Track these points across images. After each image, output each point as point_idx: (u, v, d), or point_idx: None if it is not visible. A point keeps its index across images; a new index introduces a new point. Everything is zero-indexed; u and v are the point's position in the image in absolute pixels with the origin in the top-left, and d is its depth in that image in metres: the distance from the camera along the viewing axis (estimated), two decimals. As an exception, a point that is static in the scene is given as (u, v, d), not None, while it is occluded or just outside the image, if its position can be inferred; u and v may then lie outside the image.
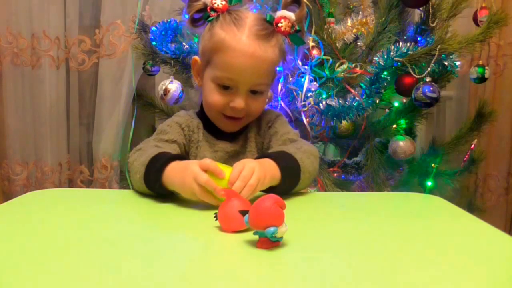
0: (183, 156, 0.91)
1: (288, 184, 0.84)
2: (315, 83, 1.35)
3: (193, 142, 1.00)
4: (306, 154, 0.89)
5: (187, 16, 0.98)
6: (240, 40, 0.90)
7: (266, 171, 0.79)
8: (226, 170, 0.76)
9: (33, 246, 0.57)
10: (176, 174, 0.78)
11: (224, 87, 0.93)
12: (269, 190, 0.79)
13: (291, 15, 0.93)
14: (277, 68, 1.00)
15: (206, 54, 0.95)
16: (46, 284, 0.46)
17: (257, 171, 0.76)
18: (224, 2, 0.92)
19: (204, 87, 0.97)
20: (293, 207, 0.77)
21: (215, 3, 0.92)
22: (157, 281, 0.47)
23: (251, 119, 0.99)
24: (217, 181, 0.74)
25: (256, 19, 0.93)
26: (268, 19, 0.93)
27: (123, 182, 1.88)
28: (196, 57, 1.01)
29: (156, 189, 0.80)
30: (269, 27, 0.93)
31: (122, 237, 0.62)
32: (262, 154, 0.88)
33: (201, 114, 1.02)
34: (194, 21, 0.96)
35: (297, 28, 0.94)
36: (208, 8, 0.93)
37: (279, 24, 0.93)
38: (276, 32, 0.93)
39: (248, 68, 0.90)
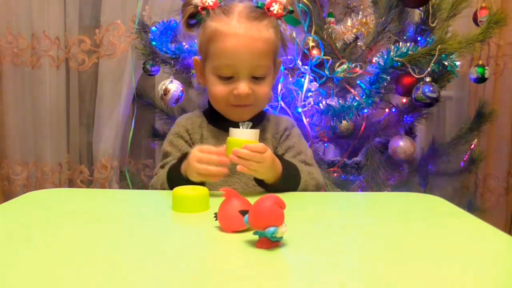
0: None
1: (280, 188, 0.87)
2: (315, 83, 1.35)
3: (196, 141, 1.00)
4: (313, 181, 0.94)
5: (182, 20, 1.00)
6: (231, 24, 0.91)
7: (271, 170, 0.85)
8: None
9: (33, 246, 0.57)
10: (185, 167, 0.87)
11: (226, 78, 0.93)
12: (260, 184, 0.87)
13: None
14: (278, 53, 0.99)
15: (203, 49, 0.96)
16: (46, 284, 0.46)
17: (265, 165, 0.83)
18: (214, 0, 0.93)
19: (207, 82, 0.97)
20: (293, 207, 0.77)
21: (205, 2, 0.93)
22: (157, 281, 0.47)
23: (261, 106, 0.99)
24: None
25: (245, 6, 0.94)
26: (258, 5, 0.94)
27: (123, 182, 1.88)
28: (196, 57, 1.01)
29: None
30: (258, 10, 0.94)
31: (122, 237, 0.62)
32: (277, 155, 0.91)
33: (208, 111, 1.02)
34: (189, 25, 0.98)
35: (290, 9, 0.95)
36: (200, 8, 0.94)
37: (271, 8, 0.93)
38: (268, 15, 0.94)
39: (243, 49, 0.91)
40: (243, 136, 0.83)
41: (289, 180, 0.89)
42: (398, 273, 0.51)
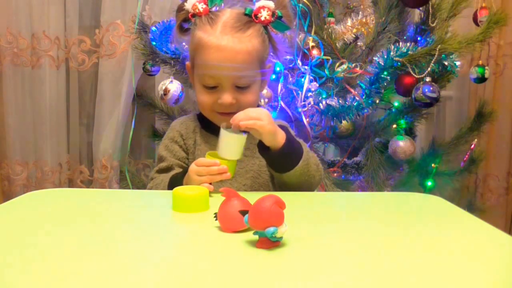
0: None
1: (287, 155, 0.88)
2: (315, 83, 1.35)
3: (189, 146, 1.00)
4: (314, 159, 0.94)
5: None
6: (213, 35, 0.91)
7: (274, 124, 0.86)
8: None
9: (33, 246, 0.57)
10: (186, 180, 0.89)
11: (211, 87, 0.94)
12: (266, 155, 0.89)
13: (270, 3, 0.93)
14: (265, 60, 0.99)
15: (191, 57, 0.98)
16: (46, 283, 0.47)
17: (265, 114, 0.85)
18: (204, 6, 0.93)
19: (195, 89, 0.99)
20: (293, 207, 0.77)
21: (196, 8, 0.93)
22: (157, 281, 0.47)
23: None
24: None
25: (232, 14, 0.94)
26: (246, 12, 0.94)
27: (123, 182, 1.88)
28: (187, 63, 1.02)
29: None
30: (245, 18, 0.93)
31: (122, 237, 0.62)
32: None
33: (202, 115, 1.02)
34: (182, 30, 0.98)
35: (279, 14, 0.94)
36: (190, 14, 0.95)
37: (259, 15, 0.93)
38: (254, 23, 0.93)
39: (225, 62, 0.91)
40: (232, 141, 0.85)
41: (292, 146, 0.89)
42: (398, 273, 0.51)
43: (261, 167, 0.97)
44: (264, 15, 0.93)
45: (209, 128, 1.00)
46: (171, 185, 0.91)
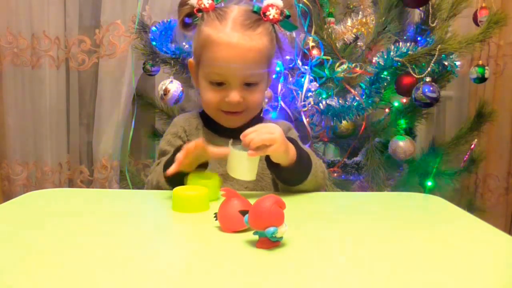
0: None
1: (296, 172, 0.86)
2: (315, 83, 1.35)
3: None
4: (320, 167, 0.92)
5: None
6: (223, 32, 0.90)
7: (286, 143, 0.83)
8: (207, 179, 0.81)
9: (33, 246, 0.57)
10: None
11: (218, 84, 0.92)
12: (274, 170, 0.85)
13: (279, 2, 0.92)
14: (272, 59, 0.98)
15: (197, 54, 0.96)
16: (46, 283, 0.47)
17: (278, 136, 0.81)
18: (210, 1, 0.92)
19: (200, 86, 0.97)
20: (293, 207, 0.77)
21: (201, 3, 0.92)
22: (156, 281, 0.47)
23: (253, 112, 0.98)
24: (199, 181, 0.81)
25: (240, 11, 0.92)
26: (254, 9, 0.92)
27: (123, 182, 1.88)
28: (191, 60, 1.01)
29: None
30: (254, 16, 0.92)
31: (122, 237, 0.62)
32: (289, 139, 0.90)
33: (204, 113, 1.02)
34: (185, 25, 0.97)
35: (287, 13, 0.93)
36: (195, 9, 0.93)
37: (267, 13, 0.92)
38: (264, 21, 0.92)
39: (235, 59, 0.90)
40: (242, 159, 0.80)
41: (302, 162, 0.87)
42: (398, 273, 0.51)
43: (263, 170, 0.96)
44: (273, 13, 0.91)
45: (211, 126, 1.00)
46: (166, 165, 0.88)
